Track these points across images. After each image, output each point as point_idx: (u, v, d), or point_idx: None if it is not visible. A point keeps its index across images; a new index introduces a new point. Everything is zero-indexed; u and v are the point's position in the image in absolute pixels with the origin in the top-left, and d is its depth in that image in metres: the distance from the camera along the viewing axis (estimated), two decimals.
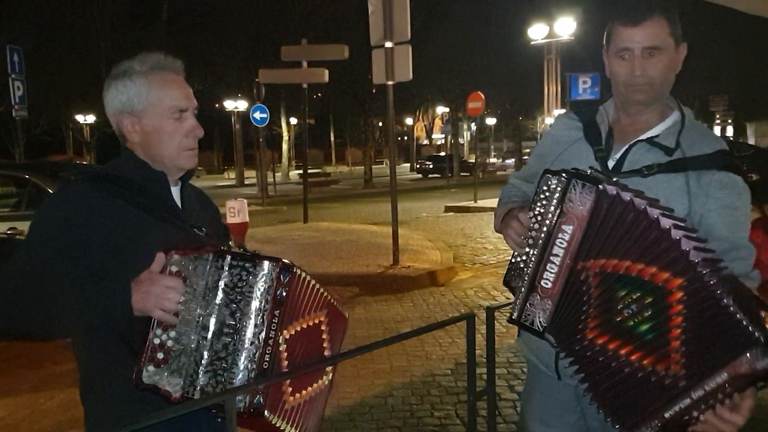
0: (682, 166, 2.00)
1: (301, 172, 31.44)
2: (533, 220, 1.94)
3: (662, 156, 2.03)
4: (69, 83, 28.29)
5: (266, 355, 1.72)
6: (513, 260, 2.11)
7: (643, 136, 2.08)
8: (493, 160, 59.52)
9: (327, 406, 5.02)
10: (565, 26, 22.72)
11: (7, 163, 11.38)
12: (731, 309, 1.61)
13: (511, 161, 55.57)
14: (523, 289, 1.94)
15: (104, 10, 27.07)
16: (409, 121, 59.01)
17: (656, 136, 2.07)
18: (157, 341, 1.76)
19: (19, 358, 6.19)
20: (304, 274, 1.85)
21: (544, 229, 1.89)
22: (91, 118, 33.33)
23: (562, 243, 1.85)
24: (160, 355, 1.75)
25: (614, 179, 1.96)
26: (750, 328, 1.59)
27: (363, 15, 20.19)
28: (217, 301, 1.74)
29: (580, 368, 1.86)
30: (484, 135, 57.88)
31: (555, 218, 1.86)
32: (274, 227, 15.98)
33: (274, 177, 32.18)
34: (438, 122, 59.57)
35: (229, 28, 30.10)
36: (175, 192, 2.04)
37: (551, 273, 1.87)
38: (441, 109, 51.58)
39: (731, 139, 42.25)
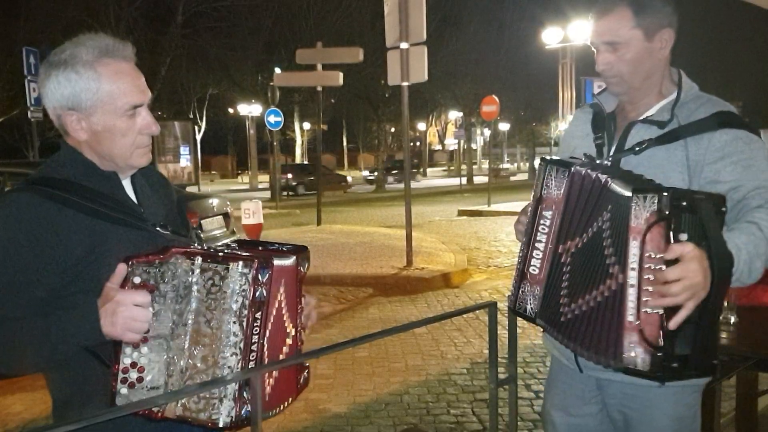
0: (674, 135, 1.98)
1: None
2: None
3: (657, 131, 2.01)
4: None
5: (250, 363, 1.56)
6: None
7: (639, 118, 2.08)
8: (506, 165, 59.45)
9: (343, 403, 5.02)
10: (580, 30, 22.59)
11: (22, 162, 11.45)
12: (611, 185, 1.72)
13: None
14: (515, 278, 1.98)
15: (120, 14, 27.21)
16: (421, 126, 59.01)
17: (651, 115, 2.07)
18: (128, 360, 1.57)
19: None
20: (286, 263, 1.69)
21: (528, 216, 1.94)
22: None
23: (544, 229, 1.90)
24: (134, 375, 1.57)
25: (599, 161, 2.01)
26: (620, 189, 1.68)
27: (377, 20, 20.27)
28: (191, 308, 1.56)
29: (565, 335, 1.88)
30: (497, 140, 57.81)
31: (536, 205, 1.91)
32: (288, 229, 16.00)
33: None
34: (451, 127, 59.52)
35: (244, 32, 30.20)
36: (127, 186, 1.84)
37: (537, 259, 1.92)
38: (454, 114, 51.51)
39: None
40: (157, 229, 1.76)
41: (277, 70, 22.78)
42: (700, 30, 39.55)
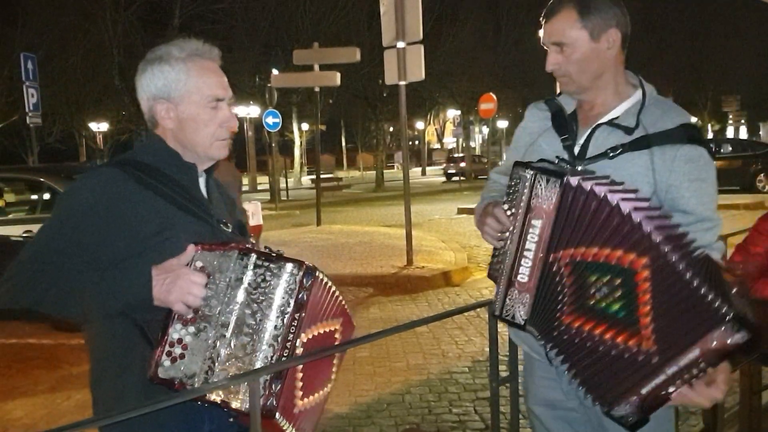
0: (645, 143, 2.02)
1: (313, 177, 31.57)
2: (508, 213, 1.98)
3: (623, 136, 2.05)
4: (82, 91, 28.53)
5: (283, 358, 1.70)
6: (494, 255, 2.10)
7: (604, 119, 2.10)
8: None
9: (344, 403, 5.02)
10: None
11: (22, 167, 11.48)
12: (695, 284, 1.64)
13: None
14: (501, 285, 1.97)
15: (117, 18, 27.21)
16: (420, 125, 58.99)
17: (616, 117, 2.09)
18: (176, 336, 1.72)
19: (37, 359, 6.21)
20: (325, 279, 1.84)
21: (517, 224, 1.93)
22: (104, 126, 33.54)
23: (533, 237, 1.88)
24: (178, 351, 1.72)
25: (579, 167, 2.02)
26: (717, 304, 1.62)
27: (373, 19, 20.29)
28: (239, 299, 1.72)
29: (560, 351, 1.89)
30: (495, 138, 57.82)
31: (524, 214, 1.90)
32: (288, 230, 15.98)
33: (286, 182, 32.27)
34: (449, 126, 59.57)
35: (241, 34, 30.17)
36: (201, 183, 2.01)
37: (526, 267, 1.91)
38: (452, 113, 51.55)
39: (745, 138, 42.09)
40: (221, 225, 1.95)
41: (275, 72, 22.75)
42: (698, 24, 39.57)
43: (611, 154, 2.03)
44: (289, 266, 1.72)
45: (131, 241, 1.78)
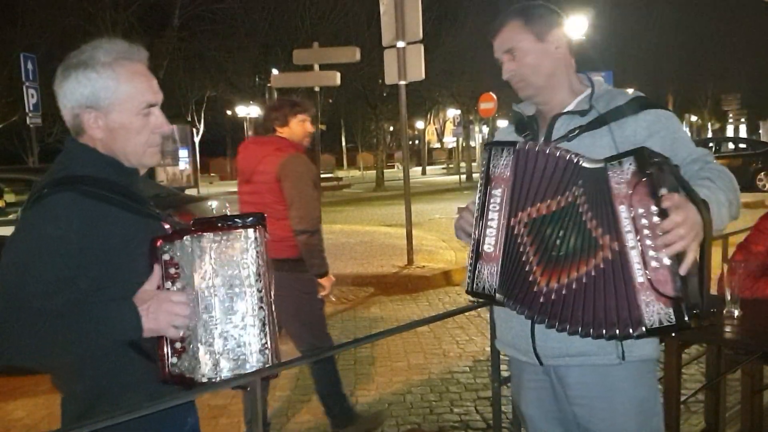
0: (602, 121, 2.10)
1: None
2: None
3: (580, 119, 2.15)
4: None
5: (270, 316, 1.74)
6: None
7: (562, 111, 2.22)
8: None
9: None
10: (577, 25, 22.55)
11: (22, 167, 11.46)
12: (578, 161, 1.83)
13: None
14: (470, 260, 2.02)
15: (116, 18, 27.20)
16: (420, 124, 58.97)
17: (572, 108, 2.20)
18: None
19: None
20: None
21: (479, 198, 2.00)
22: None
23: (494, 207, 1.96)
24: (178, 345, 1.74)
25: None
26: (588, 163, 1.82)
27: (373, 20, 20.26)
28: (215, 277, 1.72)
29: (551, 317, 1.89)
30: None
31: (485, 186, 1.98)
32: None
33: None
34: (449, 125, 59.50)
35: (241, 34, 30.17)
36: None
37: (491, 237, 1.97)
38: (452, 112, 51.48)
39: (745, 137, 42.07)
40: (168, 219, 1.90)
41: (275, 71, 22.73)
42: (698, 21, 39.54)
43: (570, 136, 2.12)
44: (246, 231, 1.73)
45: (103, 262, 1.71)
